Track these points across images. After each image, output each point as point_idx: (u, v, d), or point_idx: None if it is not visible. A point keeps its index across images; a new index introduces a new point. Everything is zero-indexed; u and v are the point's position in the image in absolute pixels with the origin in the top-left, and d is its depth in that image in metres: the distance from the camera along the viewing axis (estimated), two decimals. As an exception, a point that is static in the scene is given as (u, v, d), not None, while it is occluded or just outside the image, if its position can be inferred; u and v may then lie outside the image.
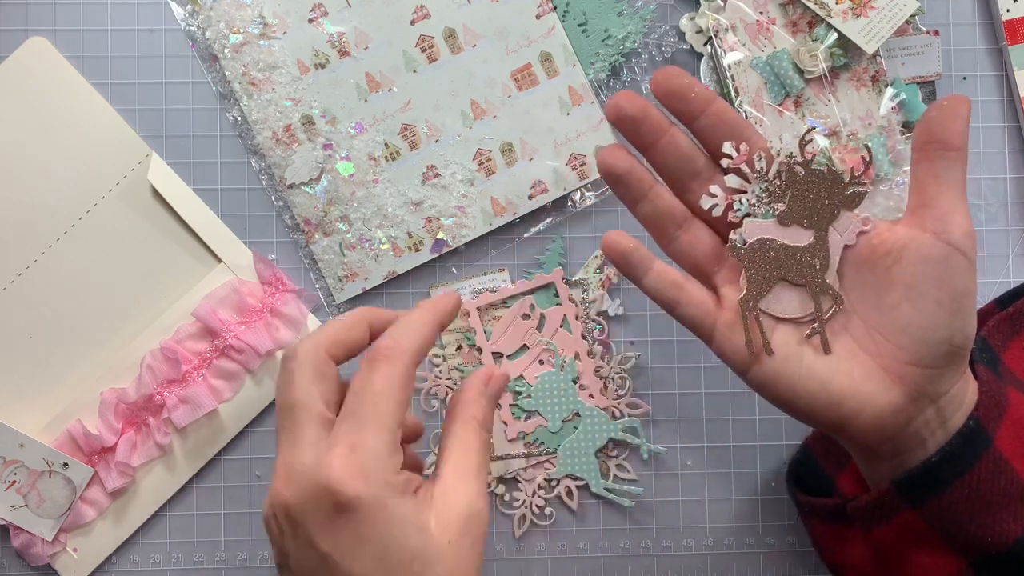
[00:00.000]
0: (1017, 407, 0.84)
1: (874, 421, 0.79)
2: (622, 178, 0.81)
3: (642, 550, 1.07)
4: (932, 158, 0.78)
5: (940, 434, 0.80)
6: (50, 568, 1.05)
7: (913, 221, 0.79)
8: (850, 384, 0.79)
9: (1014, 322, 0.96)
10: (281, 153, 1.03)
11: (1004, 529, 0.80)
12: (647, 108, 0.80)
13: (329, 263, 1.04)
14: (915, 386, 0.78)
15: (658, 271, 0.83)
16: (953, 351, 0.77)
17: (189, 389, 1.03)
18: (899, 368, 0.78)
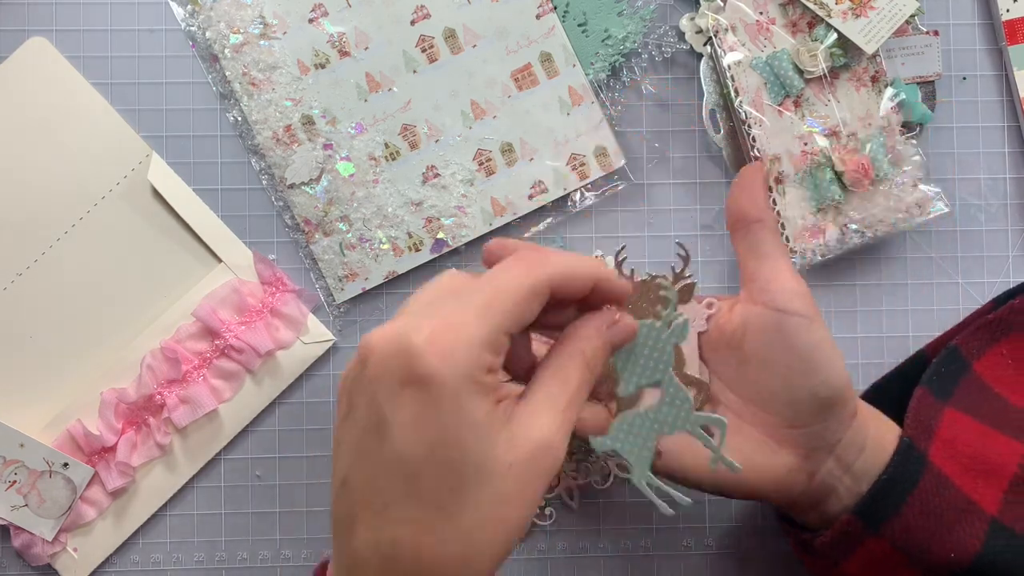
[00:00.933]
0: (948, 426, 0.87)
1: (776, 485, 0.84)
2: None
3: (642, 550, 1.07)
4: (740, 235, 0.85)
5: (847, 479, 0.84)
6: (50, 568, 1.05)
7: (745, 296, 0.84)
8: (743, 459, 0.83)
9: (993, 329, 0.97)
10: (281, 153, 1.03)
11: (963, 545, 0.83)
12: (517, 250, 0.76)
13: (329, 263, 1.04)
14: (802, 444, 0.83)
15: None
16: (824, 405, 0.81)
17: (189, 389, 1.03)
18: (781, 433, 0.83)
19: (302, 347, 1.05)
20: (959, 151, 1.08)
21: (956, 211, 1.07)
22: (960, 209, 1.08)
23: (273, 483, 1.06)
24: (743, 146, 1.04)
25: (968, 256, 1.07)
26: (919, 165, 1.03)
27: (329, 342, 1.06)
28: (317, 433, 1.06)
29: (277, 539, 1.06)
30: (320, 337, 1.06)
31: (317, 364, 1.06)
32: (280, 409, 1.07)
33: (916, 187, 1.03)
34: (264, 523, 1.06)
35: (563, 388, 0.71)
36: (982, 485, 0.85)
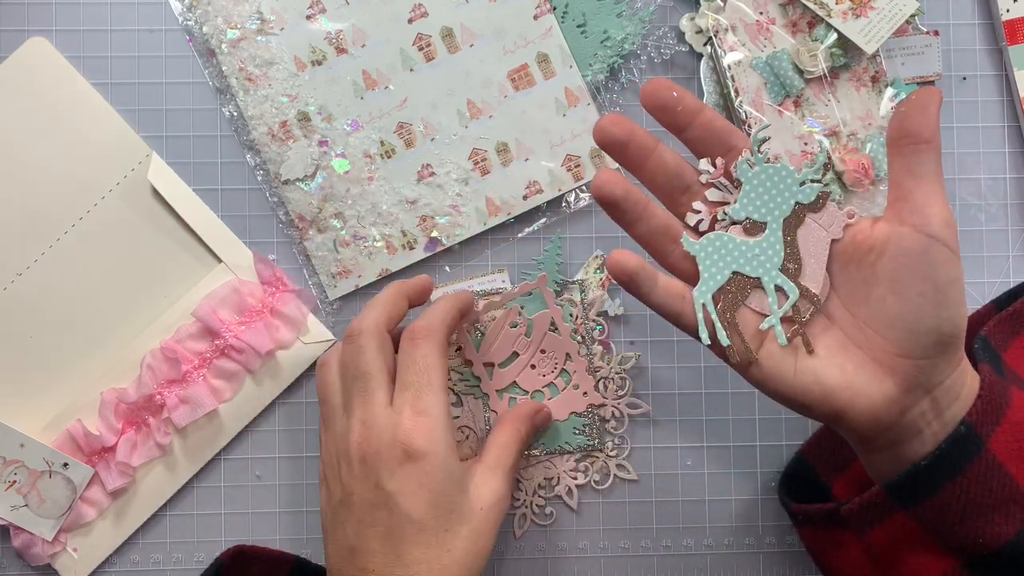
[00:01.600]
0: (1018, 409, 0.83)
1: (869, 413, 0.80)
2: (619, 203, 0.85)
3: (642, 550, 1.07)
4: (905, 152, 0.79)
5: (936, 425, 0.81)
6: (50, 568, 1.05)
7: (892, 216, 0.80)
8: (843, 378, 0.81)
9: (1014, 321, 0.96)
10: (276, 149, 1.03)
11: (996, 531, 0.80)
12: (633, 131, 0.83)
13: (323, 260, 1.04)
14: (907, 377, 0.79)
15: (663, 286, 0.85)
16: (942, 341, 0.78)
17: (189, 389, 1.03)
18: (890, 360, 0.80)
19: (302, 347, 1.05)
20: (959, 151, 1.08)
21: (956, 211, 1.07)
22: (960, 209, 1.07)
23: (273, 483, 1.06)
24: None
25: (968, 256, 1.07)
26: (919, 165, 1.03)
27: (329, 342, 1.06)
28: (317, 433, 1.06)
29: (277, 539, 1.06)
30: (320, 337, 1.06)
31: (317, 364, 1.06)
32: (280, 409, 1.07)
33: (916, 187, 1.02)
34: (264, 523, 1.06)
35: (506, 455, 0.97)
36: None
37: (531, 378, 1.07)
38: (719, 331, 0.83)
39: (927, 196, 0.78)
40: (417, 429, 0.88)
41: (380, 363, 0.92)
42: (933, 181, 0.78)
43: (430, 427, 0.89)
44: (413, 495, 0.88)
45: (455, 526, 0.89)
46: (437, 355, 0.92)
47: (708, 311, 0.83)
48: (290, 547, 1.06)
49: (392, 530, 0.88)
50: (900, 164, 0.80)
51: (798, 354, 0.82)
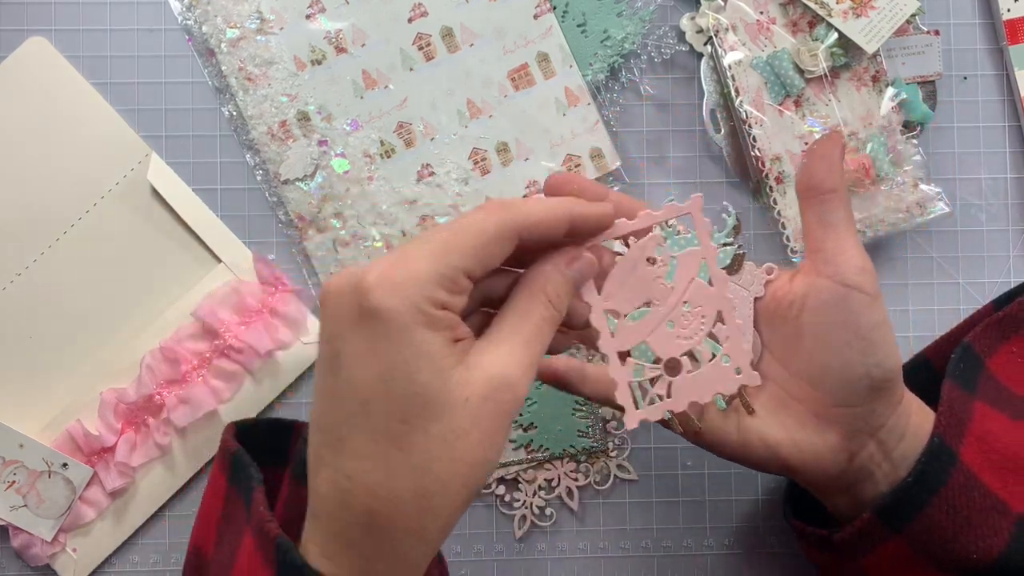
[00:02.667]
0: (980, 421, 0.85)
1: (815, 464, 0.82)
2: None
3: (642, 550, 1.07)
4: (812, 204, 0.81)
5: (886, 466, 0.83)
6: (50, 568, 1.05)
7: (809, 268, 0.81)
8: (784, 433, 0.82)
9: (1003, 327, 0.96)
10: (276, 149, 1.03)
11: (987, 545, 0.81)
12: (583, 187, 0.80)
13: (322, 260, 1.04)
14: (848, 425, 0.81)
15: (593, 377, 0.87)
16: (875, 387, 0.79)
17: (189, 389, 1.03)
18: (828, 411, 0.81)
19: (302, 347, 1.05)
20: (959, 151, 1.08)
21: (956, 211, 1.07)
22: (960, 209, 1.07)
23: (273, 483, 1.06)
24: (743, 146, 1.04)
25: (968, 256, 1.07)
26: (920, 165, 1.03)
27: (329, 342, 1.06)
28: (317, 433, 1.06)
29: (276, 539, 1.06)
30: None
31: (317, 364, 1.06)
32: (280, 409, 1.06)
33: (917, 187, 1.02)
34: (264, 523, 1.06)
35: (523, 324, 0.72)
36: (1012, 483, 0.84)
37: (666, 340, 0.80)
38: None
39: (838, 244, 0.80)
40: (384, 278, 0.66)
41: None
42: (843, 229, 0.80)
43: (401, 281, 0.66)
44: (361, 360, 0.66)
45: (417, 419, 0.66)
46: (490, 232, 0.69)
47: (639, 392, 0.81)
48: (290, 547, 1.06)
49: (334, 403, 0.68)
50: (810, 215, 0.81)
51: (740, 416, 0.84)
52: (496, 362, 0.68)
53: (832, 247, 0.79)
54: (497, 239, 0.70)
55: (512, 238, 0.70)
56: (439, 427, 0.66)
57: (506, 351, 0.69)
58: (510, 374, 0.68)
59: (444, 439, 0.66)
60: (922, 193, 1.02)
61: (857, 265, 0.78)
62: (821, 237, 0.80)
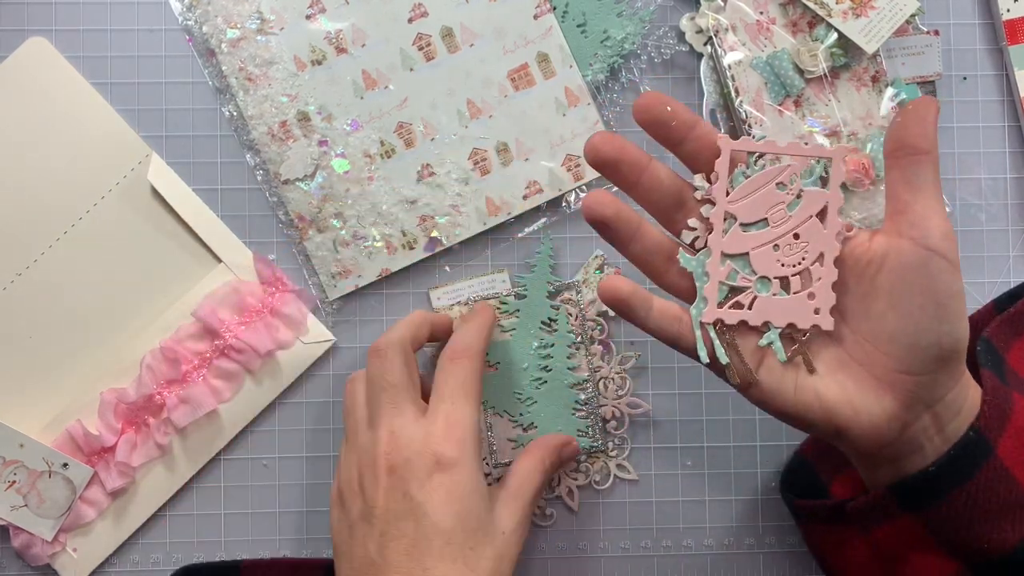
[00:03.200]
0: (1021, 413, 0.83)
1: (869, 429, 0.80)
2: (609, 223, 0.82)
3: (642, 550, 1.07)
4: (902, 164, 0.78)
5: (938, 440, 0.81)
6: (50, 568, 1.05)
7: (891, 228, 0.79)
8: (843, 395, 0.80)
9: (1015, 323, 0.96)
10: (276, 149, 1.03)
11: (1003, 537, 0.80)
12: (624, 148, 0.81)
13: (322, 259, 1.04)
14: (908, 393, 0.79)
15: (659, 309, 0.84)
16: (943, 356, 0.77)
17: (189, 389, 1.03)
18: (890, 376, 0.79)
19: (302, 347, 1.05)
20: (959, 151, 1.08)
21: (956, 211, 1.07)
22: (960, 209, 1.07)
23: (273, 483, 1.06)
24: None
25: (968, 256, 1.07)
26: (920, 165, 1.03)
27: (329, 342, 1.06)
28: (317, 433, 1.06)
29: (277, 539, 1.06)
30: (320, 337, 1.06)
31: (317, 364, 1.07)
32: (280, 409, 1.07)
33: (916, 187, 1.02)
34: (264, 523, 1.06)
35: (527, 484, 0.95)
36: None
37: (767, 259, 0.84)
38: (718, 350, 0.82)
39: (926, 208, 0.77)
40: (450, 438, 0.89)
41: (407, 375, 0.93)
42: (931, 193, 0.78)
43: (462, 437, 0.89)
44: (443, 505, 0.87)
45: (481, 546, 0.88)
46: (475, 374, 0.94)
47: (706, 330, 0.82)
48: (291, 547, 1.06)
49: (418, 542, 0.86)
50: (898, 176, 0.79)
51: (798, 372, 0.82)
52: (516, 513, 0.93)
53: (919, 210, 0.77)
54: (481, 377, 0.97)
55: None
56: (492, 550, 0.88)
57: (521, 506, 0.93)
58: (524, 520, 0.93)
59: (493, 559, 0.88)
60: (922, 193, 1.02)
61: (943, 231, 0.76)
62: (909, 199, 0.78)
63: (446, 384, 0.92)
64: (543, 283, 1.06)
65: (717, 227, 0.82)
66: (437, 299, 1.05)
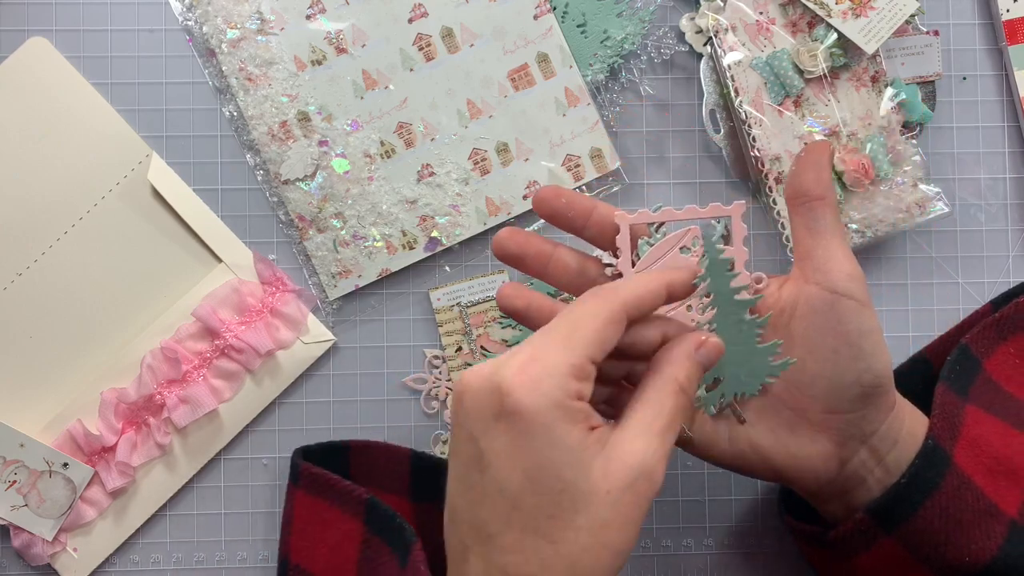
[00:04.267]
0: (973, 425, 0.86)
1: (807, 470, 0.83)
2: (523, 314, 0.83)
3: (642, 550, 1.07)
4: (801, 211, 0.81)
5: (879, 471, 0.83)
6: (50, 568, 1.05)
7: (798, 275, 0.82)
8: (775, 441, 0.83)
9: (1000, 327, 0.97)
10: (276, 149, 1.03)
11: (979, 547, 0.82)
12: (527, 243, 0.83)
13: (323, 259, 1.04)
14: (839, 432, 0.81)
15: None
16: (865, 392, 0.80)
17: (189, 389, 1.03)
18: (819, 418, 0.82)
19: (302, 347, 1.05)
20: (959, 151, 1.08)
21: (956, 211, 1.07)
22: (960, 209, 1.07)
23: (273, 483, 1.06)
24: (743, 146, 1.04)
25: (968, 256, 1.07)
26: (919, 165, 1.03)
27: (329, 342, 1.06)
28: (317, 433, 1.06)
29: (277, 539, 1.06)
30: (320, 337, 1.06)
31: (317, 364, 1.07)
32: (280, 409, 1.07)
33: (916, 187, 1.02)
34: (264, 523, 1.06)
35: (658, 414, 0.73)
36: (1004, 487, 0.84)
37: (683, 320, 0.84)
38: None
39: (827, 252, 0.80)
40: (522, 376, 0.69)
41: None
42: (832, 236, 0.80)
43: (537, 378, 0.69)
44: (507, 459, 0.69)
45: (565, 512, 0.68)
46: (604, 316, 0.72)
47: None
48: (290, 547, 1.06)
49: (483, 499, 0.71)
50: (798, 222, 0.82)
51: (730, 424, 0.84)
52: (635, 453, 0.70)
53: (821, 254, 0.80)
54: (613, 323, 0.72)
55: (623, 320, 0.73)
56: (585, 519, 0.68)
57: (643, 443, 0.71)
58: (649, 464, 0.70)
59: (590, 530, 0.68)
60: (921, 193, 1.02)
61: (846, 272, 0.79)
62: (810, 244, 0.81)
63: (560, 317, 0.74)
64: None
65: None
66: (437, 299, 1.05)
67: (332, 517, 0.99)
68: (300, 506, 1.00)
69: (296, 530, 1.00)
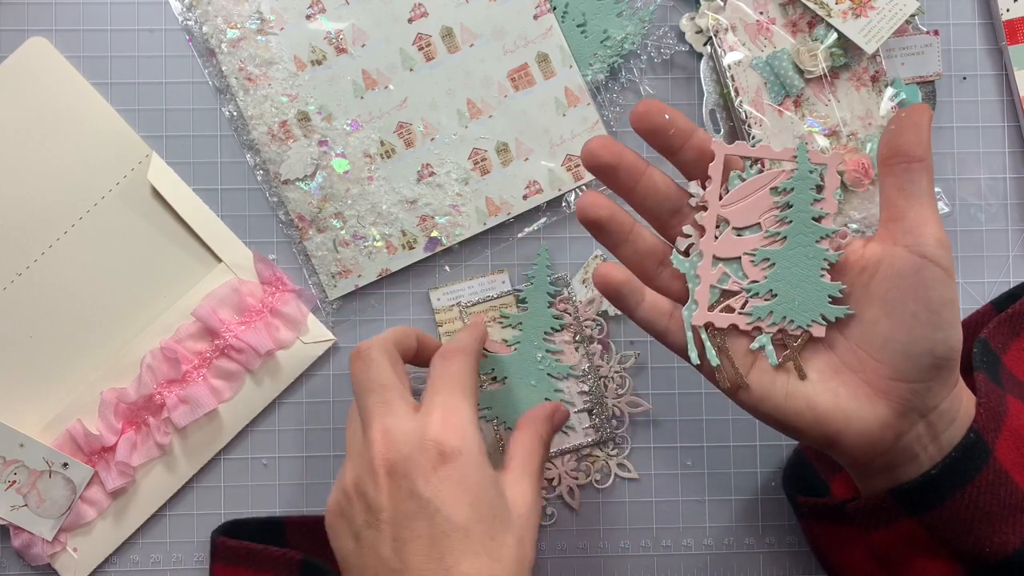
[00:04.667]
0: (1015, 416, 0.84)
1: (862, 437, 0.80)
2: (603, 225, 0.83)
3: (642, 550, 1.07)
4: (896, 172, 0.78)
5: (932, 449, 0.80)
6: (50, 568, 1.05)
7: (885, 235, 0.79)
8: (835, 403, 0.80)
9: (1014, 323, 0.96)
10: (276, 149, 1.03)
11: (1003, 540, 0.80)
12: (621, 154, 0.82)
13: (322, 259, 1.04)
14: (902, 401, 0.78)
15: (650, 302, 0.84)
16: (936, 363, 0.77)
17: (189, 389, 1.03)
18: (884, 384, 0.79)
19: (302, 347, 1.05)
20: (959, 151, 1.08)
21: (956, 211, 1.07)
22: (960, 209, 1.07)
23: (273, 483, 1.06)
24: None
25: (968, 256, 1.07)
26: (919, 165, 1.03)
27: (329, 342, 1.06)
28: (317, 433, 1.06)
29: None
30: (320, 337, 1.06)
31: (317, 364, 1.07)
32: (280, 409, 1.07)
33: (916, 187, 1.02)
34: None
35: (531, 459, 0.91)
36: None
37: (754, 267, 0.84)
38: (708, 353, 0.81)
39: (920, 216, 0.77)
40: (449, 428, 0.83)
41: (393, 373, 0.88)
42: (926, 200, 0.78)
43: (462, 426, 0.83)
44: (453, 498, 0.80)
45: (500, 533, 0.82)
46: (471, 368, 0.90)
47: (697, 333, 0.82)
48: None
49: (436, 541, 0.80)
50: (892, 183, 0.79)
51: (789, 378, 0.82)
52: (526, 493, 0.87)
53: (914, 217, 0.77)
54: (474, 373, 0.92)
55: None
56: (511, 537, 0.83)
57: (528, 481, 0.88)
58: (535, 498, 0.88)
59: (515, 545, 0.83)
60: (922, 193, 1.02)
61: (937, 238, 0.76)
62: (903, 206, 0.78)
63: (440, 378, 0.88)
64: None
65: (709, 230, 0.82)
66: (437, 299, 1.05)
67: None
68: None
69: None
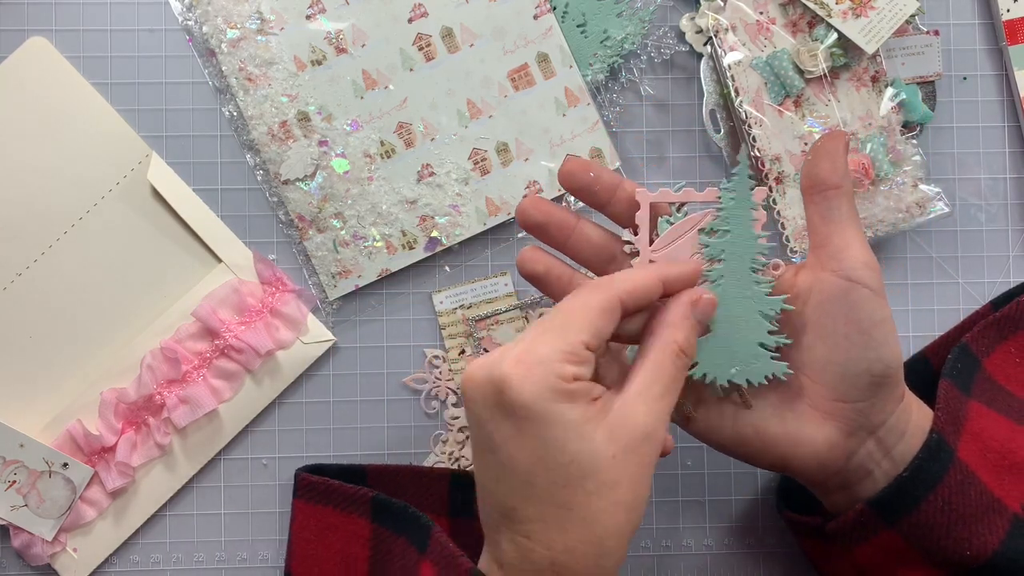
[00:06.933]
0: (975, 420, 0.86)
1: (813, 459, 0.83)
2: (541, 279, 0.85)
3: (642, 550, 1.07)
4: (816, 200, 0.82)
5: (886, 464, 0.83)
6: (50, 568, 1.05)
7: (814, 262, 0.82)
8: (782, 428, 0.83)
9: (1000, 327, 0.97)
10: (276, 149, 1.03)
11: (981, 542, 0.82)
12: (550, 212, 0.84)
13: (322, 259, 1.04)
14: (847, 421, 0.81)
15: None
16: (876, 382, 0.80)
17: (189, 389, 1.03)
18: (828, 406, 0.82)
19: (302, 347, 1.05)
20: (959, 151, 1.08)
21: (956, 211, 1.07)
22: (960, 209, 1.07)
23: (273, 483, 1.06)
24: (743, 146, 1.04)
25: (968, 256, 1.07)
26: (919, 165, 1.03)
27: (329, 342, 1.06)
28: (317, 433, 1.06)
29: (276, 539, 1.06)
30: (320, 337, 1.06)
31: (317, 364, 1.06)
32: (280, 409, 1.07)
33: (916, 187, 1.03)
34: (264, 523, 1.06)
35: (658, 377, 0.76)
36: (1008, 482, 0.85)
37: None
38: None
39: (843, 240, 0.80)
40: (518, 367, 0.72)
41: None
42: (848, 224, 0.81)
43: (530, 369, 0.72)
44: (513, 443, 0.73)
45: (575, 480, 0.72)
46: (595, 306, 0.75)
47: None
48: (290, 547, 1.06)
49: (500, 478, 0.74)
50: (814, 211, 0.82)
51: (736, 408, 0.84)
52: (637, 418, 0.74)
53: (837, 242, 0.80)
54: (605, 312, 0.75)
55: (617, 309, 0.76)
56: (595, 483, 0.72)
57: (643, 406, 0.74)
58: (649, 427, 0.74)
59: (600, 493, 0.72)
60: (922, 193, 1.02)
61: (862, 260, 0.79)
62: (826, 233, 0.81)
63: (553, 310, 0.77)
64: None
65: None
66: (440, 302, 1.05)
67: (336, 521, 1.00)
68: (300, 515, 1.01)
69: (298, 540, 1.01)
